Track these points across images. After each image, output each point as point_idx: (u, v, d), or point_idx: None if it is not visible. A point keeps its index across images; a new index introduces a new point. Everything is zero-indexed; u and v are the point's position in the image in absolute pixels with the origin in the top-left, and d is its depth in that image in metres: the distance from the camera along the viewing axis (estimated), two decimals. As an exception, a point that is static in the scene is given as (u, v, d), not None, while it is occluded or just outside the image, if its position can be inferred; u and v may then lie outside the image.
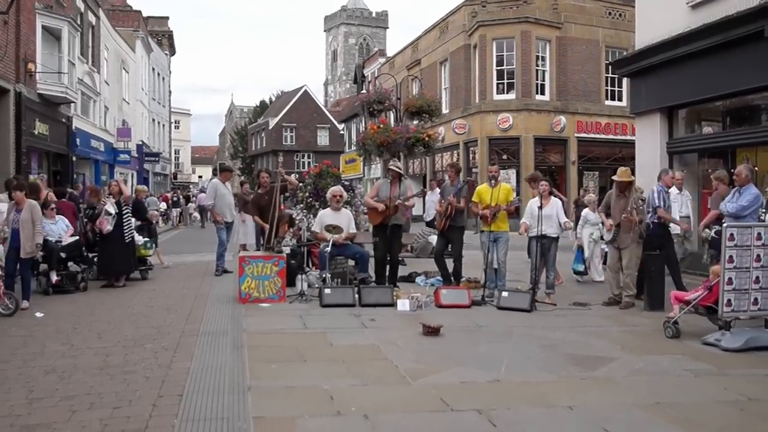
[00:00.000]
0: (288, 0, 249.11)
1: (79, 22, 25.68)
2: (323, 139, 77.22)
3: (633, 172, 13.72)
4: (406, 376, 6.54)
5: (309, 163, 68.42)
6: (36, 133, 20.53)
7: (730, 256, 7.90)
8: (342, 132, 62.54)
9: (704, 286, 8.40)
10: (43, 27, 21.24)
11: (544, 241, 10.93)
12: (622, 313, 10.14)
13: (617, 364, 7.16)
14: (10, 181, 11.21)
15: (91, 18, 30.12)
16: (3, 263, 10.18)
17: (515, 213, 11.43)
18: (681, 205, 12.33)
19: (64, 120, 23.86)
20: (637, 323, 9.41)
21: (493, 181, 11.25)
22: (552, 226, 11.02)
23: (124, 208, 12.72)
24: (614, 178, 10.94)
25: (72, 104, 24.49)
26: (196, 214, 39.34)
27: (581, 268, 13.62)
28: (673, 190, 11.94)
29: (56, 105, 22.65)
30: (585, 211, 13.68)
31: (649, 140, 14.97)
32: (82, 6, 27.99)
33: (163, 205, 34.71)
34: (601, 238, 12.34)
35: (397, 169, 11.68)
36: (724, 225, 8.25)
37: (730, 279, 7.87)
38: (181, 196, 40.38)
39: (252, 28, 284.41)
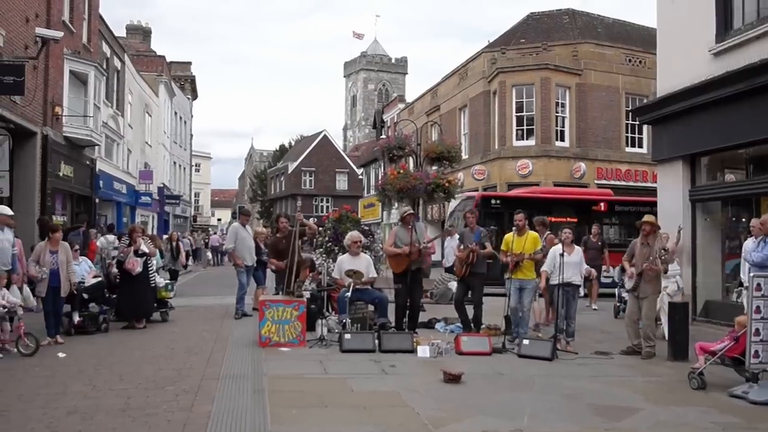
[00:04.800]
0: (309, 47, 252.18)
1: (105, 67, 26.17)
2: (342, 183, 77.52)
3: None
4: (428, 424, 6.48)
5: (327, 207, 68.57)
6: (61, 175, 20.76)
7: (758, 307, 7.80)
8: (361, 177, 62.81)
9: (730, 337, 8.29)
10: (71, 72, 21.61)
11: (568, 289, 10.87)
12: (645, 363, 9.99)
13: (642, 415, 7.06)
14: (45, 221, 11.38)
15: (117, 63, 30.72)
16: (25, 304, 10.33)
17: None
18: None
19: (88, 162, 24.13)
20: (661, 373, 9.29)
21: (519, 226, 11.26)
22: (576, 274, 10.98)
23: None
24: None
25: (96, 147, 24.82)
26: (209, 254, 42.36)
27: None
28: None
29: (81, 147, 22.93)
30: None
31: (671, 188, 14.87)
32: (108, 51, 28.57)
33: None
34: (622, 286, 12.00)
35: (411, 213, 11.79)
36: (751, 275, 8.15)
37: (757, 330, 7.76)
38: (208, 238, 44.81)
39: (273, 74, 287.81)
